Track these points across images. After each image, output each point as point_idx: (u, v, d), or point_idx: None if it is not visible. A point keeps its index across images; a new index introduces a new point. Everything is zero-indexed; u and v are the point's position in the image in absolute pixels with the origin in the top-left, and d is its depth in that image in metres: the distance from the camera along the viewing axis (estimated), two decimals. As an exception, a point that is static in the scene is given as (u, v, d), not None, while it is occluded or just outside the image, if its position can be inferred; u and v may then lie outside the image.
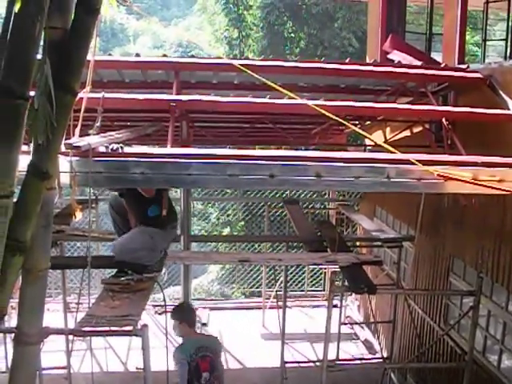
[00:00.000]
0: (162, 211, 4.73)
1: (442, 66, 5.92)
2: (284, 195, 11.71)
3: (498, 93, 5.47)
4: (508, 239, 5.33)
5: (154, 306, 10.73)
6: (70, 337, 4.60)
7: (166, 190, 4.82)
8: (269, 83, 3.81)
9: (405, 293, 7.20)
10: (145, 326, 3.88)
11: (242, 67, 4.29)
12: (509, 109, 5.26)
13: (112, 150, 3.80)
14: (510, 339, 5.56)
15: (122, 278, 4.73)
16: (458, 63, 6.46)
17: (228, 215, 15.29)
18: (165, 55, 5.60)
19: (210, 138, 7.69)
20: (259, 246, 12.12)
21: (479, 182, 4.07)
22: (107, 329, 3.92)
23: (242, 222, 14.68)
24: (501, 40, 11.50)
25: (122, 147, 3.85)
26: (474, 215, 6.00)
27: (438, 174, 4.02)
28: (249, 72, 4.20)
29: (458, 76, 5.66)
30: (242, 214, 14.43)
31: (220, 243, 13.95)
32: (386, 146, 4.12)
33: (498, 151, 4.67)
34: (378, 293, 5.47)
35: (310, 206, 11.43)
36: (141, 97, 4.65)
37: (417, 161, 4.20)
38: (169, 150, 4.13)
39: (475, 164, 4.36)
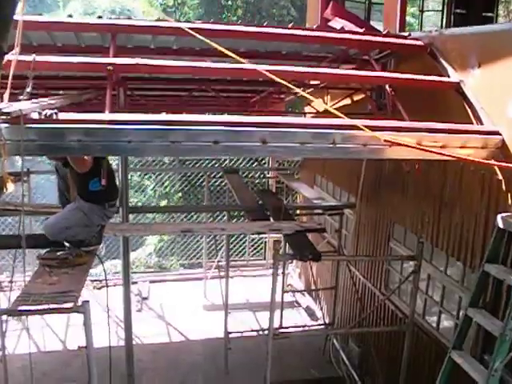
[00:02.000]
0: (102, 181, 4.47)
1: (384, 33, 5.87)
2: (224, 165, 11.56)
3: (438, 60, 5.50)
4: (448, 205, 5.43)
5: (92, 280, 10.43)
6: (4, 317, 4.31)
7: (105, 159, 4.55)
8: (215, 46, 3.63)
9: (347, 259, 7.30)
10: (86, 302, 3.69)
11: (189, 30, 4.10)
12: (449, 76, 5.32)
13: (46, 116, 3.52)
14: (448, 301, 5.72)
15: (59, 253, 4.48)
16: (399, 32, 6.45)
17: (165, 187, 14.97)
18: (100, 17, 5.22)
19: (149, 107, 7.38)
20: (199, 216, 11.94)
21: (424, 148, 4.07)
22: (46, 307, 3.69)
23: (180, 194, 14.41)
24: (436, 11, 11.69)
25: (56, 113, 3.57)
26: (415, 182, 6.09)
27: (384, 140, 3.98)
28: (195, 35, 4.01)
29: (401, 43, 5.65)
30: (179, 186, 14.14)
31: (158, 215, 13.66)
32: (332, 111, 4.04)
33: (438, 118, 4.72)
34: (322, 260, 5.47)
35: (249, 176, 11.35)
36: (75, 60, 4.34)
37: (363, 126, 4.17)
38: (107, 115, 3.88)
39: (419, 130, 4.38)
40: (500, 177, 4.69)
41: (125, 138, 3.73)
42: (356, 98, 7.23)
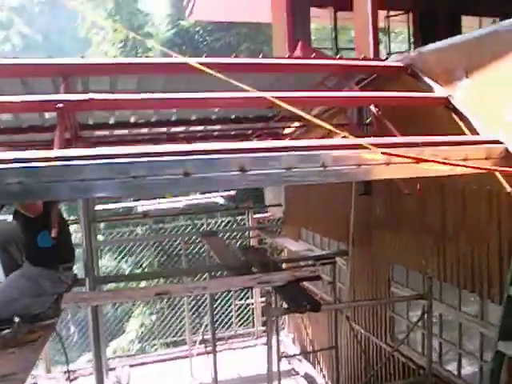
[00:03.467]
0: (52, 232, 3.77)
1: (361, 57, 5.51)
2: (201, 229, 10.91)
3: (421, 79, 5.12)
4: (452, 232, 4.88)
5: (65, 372, 9.40)
6: None
7: (55, 206, 3.89)
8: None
9: (349, 306, 6.60)
10: None
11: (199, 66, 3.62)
12: (434, 92, 4.92)
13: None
14: (468, 341, 5.04)
15: (5, 332, 3.71)
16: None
17: (143, 267, 14.16)
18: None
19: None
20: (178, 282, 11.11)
21: (446, 161, 3.57)
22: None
23: (156, 265, 13.60)
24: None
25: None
26: (411, 214, 5.57)
27: (384, 154, 3.45)
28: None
29: (382, 65, 5.29)
30: (155, 257, 13.33)
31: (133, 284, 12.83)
32: (334, 129, 3.50)
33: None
34: (322, 310, 4.78)
35: (229, 237, 10.69)
36: (17, 99, 3.77)
37: (356, 145, 3.66)
38: (54, 152, 3.27)
39: (417, 145, 3.89)
40: (509, 189, 4.18)
41: (76, 175, 3.11)
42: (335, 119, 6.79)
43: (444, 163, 3.62)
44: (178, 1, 17.64)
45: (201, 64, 3.84)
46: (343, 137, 3.77)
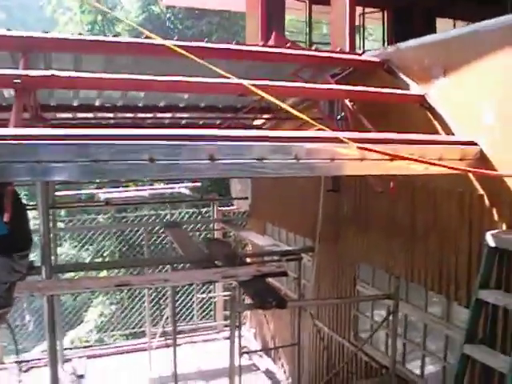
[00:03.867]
0: (4, 217, 3.51)
1: (338, 50, 5.37)
2: (165, 219, 10.66)
3: (397, 76, 5.03)
4: (422, 233, 4.80)
5: (18, 362, 9.05)
6: None
7: (6, 187, 3.63)
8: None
9: (315, 304, 6.50)
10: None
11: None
12: (410, 90, 4.84)
13: None
14: (432, 342, 4.99)
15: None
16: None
17: (104, 257, 13.80)
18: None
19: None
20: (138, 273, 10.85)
21: (425, 160, 3.48)
22: None
23: (118, 255, 13.26)
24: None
25: None
26: (379, 215, 5.49)
27: (360, 148, 3.32)
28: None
29: (358, 59, 5.16)
30: (116, 247, 12.99)
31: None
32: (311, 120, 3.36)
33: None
34: (287, 307, 4.65)
35: (193, 229, 10.49)
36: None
37: (330, 138, 3.53)
38: (9, 130, 3.03)
39: (392, 141, 3.78)
40: (481, 191, 4.13)
41: (32, 156, 2.89)
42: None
43: (421, 162, 3.53)
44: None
45: (176, 47, 3.67)
46: (318, 129, 3.65)
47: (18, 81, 3.52)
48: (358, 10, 9.68)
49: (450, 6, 9.62)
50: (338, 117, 5.84)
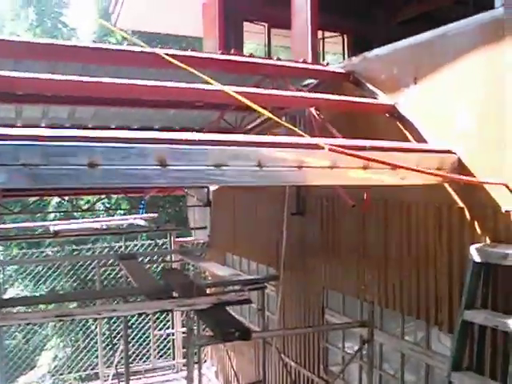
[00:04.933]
0: None
1: (301, 60, 5.05)
2: (119, 251, 10.05)
3: (363, 86, 4.76)
4: (396, 254, 4.44)
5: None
6: None
7: None
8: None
9: (283, 334, 6.04)
10: None
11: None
12: (377, 99, 4.56)
13: None
14: (411, 373, 4.57)
15: None
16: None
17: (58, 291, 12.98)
18: None
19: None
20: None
21: (408, 167, 3.14)
22: None
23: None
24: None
25: None
26: (347, 237, 5.13)
27: (335, 151, 2.94)
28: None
29: (324, 70, 4.89)
30: (68, 284, 12.20)
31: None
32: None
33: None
34: (252, 338, 4.16)
35: (150, 261, 9.90)
36: None
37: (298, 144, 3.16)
38: None
39: (364, 148, 3.43)
40: (461, 204, 3.80)
41: None
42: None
43: (403, 168, 3.19)
44: (105, 14, 16.88)
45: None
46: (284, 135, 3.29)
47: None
48: (318, 34, 9.59)
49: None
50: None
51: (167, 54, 3.46)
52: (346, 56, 10.00)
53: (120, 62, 4.23)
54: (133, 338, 9.91)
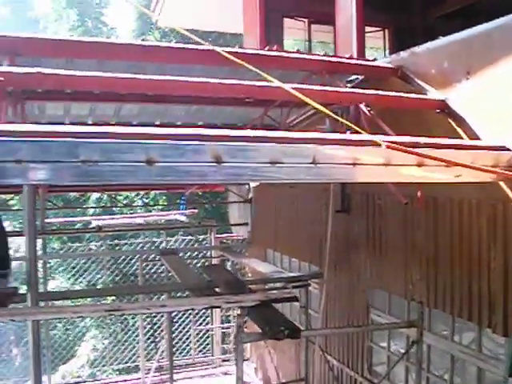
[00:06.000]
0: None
1: (347, 56, 5.00)
2: (160, 247, 10.16)
3: (412, 81, 4.67)
4: (446, 253, 4.34)
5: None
6: None
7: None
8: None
9: (331, 333, 6.01)
10: None
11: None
12: (426, 94, 4.47)
13: None
14: (461, 376, 4.48)
15: None
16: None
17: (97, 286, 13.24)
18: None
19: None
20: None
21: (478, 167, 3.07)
22: None
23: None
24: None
25: None
26: (395, 235, 5.05)
27: (392, 148, 2.89)
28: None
29: (371, 65, 4.82)
30: (110, 279, 12.40)
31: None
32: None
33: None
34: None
35: (190, 257, 9.97)
36: None
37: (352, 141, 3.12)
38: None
39: (418, 145, 3.37)
40: (518, 202, 3.70)
41: (10, 155, 2.45)
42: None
43: (464, 166, 3.12)
44: (143, 13, 17.07)
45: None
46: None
47: (1, 78, 3.11)
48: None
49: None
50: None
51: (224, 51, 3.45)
52: (387, 51, 9.87)
53: (173, 60, 4.25)
54: (173, 333, 10.00)
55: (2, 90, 3.21)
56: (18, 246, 11.19)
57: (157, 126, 6.53)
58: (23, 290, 5.18)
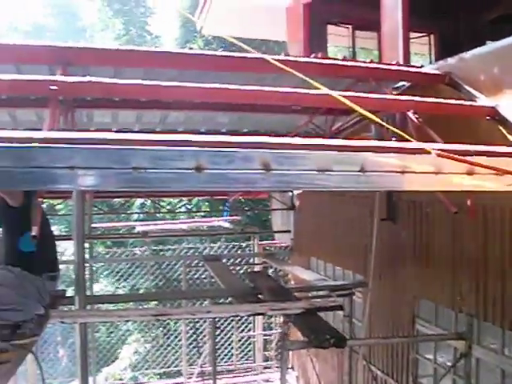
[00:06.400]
0: (33, 230, 3.12)
1: (394, 62, 4.95)
2: (204, 253, 10.25)
3: (461, 88, 4.57)
4: (497, 264, 4.23)
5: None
6: None
7: (34, 196, 3.28)
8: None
9: (376, 343, 5.91)
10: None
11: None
12: (476, 101, 4.37)
13: None
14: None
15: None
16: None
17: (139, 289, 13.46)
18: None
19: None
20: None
21: None
22: None
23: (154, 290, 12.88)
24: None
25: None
26: (442, 245, 4.95)
27: (444, 156, 2.85)
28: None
29: (419, 72, 4.75)
30: (153, 284, 12.58)
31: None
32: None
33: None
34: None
35: (233, 263, 10.01)
36: (5, 77, 3.21)
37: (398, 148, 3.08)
38: (41, 133, 2.68)
39: (469, 153, 3.30)
40: None
41: (65, 162, 2.52)
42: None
43: None
44: (188, 21, 17.34)
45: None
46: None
47: (55, 87, 3.21)
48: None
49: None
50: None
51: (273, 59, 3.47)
52: (432, 56, 9.72)
53: (219, 68, 4.29)
54: (215, 338, 10.06)
55: (55, 99, 3.28)
56: (64, 249, 11.50)
57: (202, 133, 6.60)
58: (70, 292, 5.34)
